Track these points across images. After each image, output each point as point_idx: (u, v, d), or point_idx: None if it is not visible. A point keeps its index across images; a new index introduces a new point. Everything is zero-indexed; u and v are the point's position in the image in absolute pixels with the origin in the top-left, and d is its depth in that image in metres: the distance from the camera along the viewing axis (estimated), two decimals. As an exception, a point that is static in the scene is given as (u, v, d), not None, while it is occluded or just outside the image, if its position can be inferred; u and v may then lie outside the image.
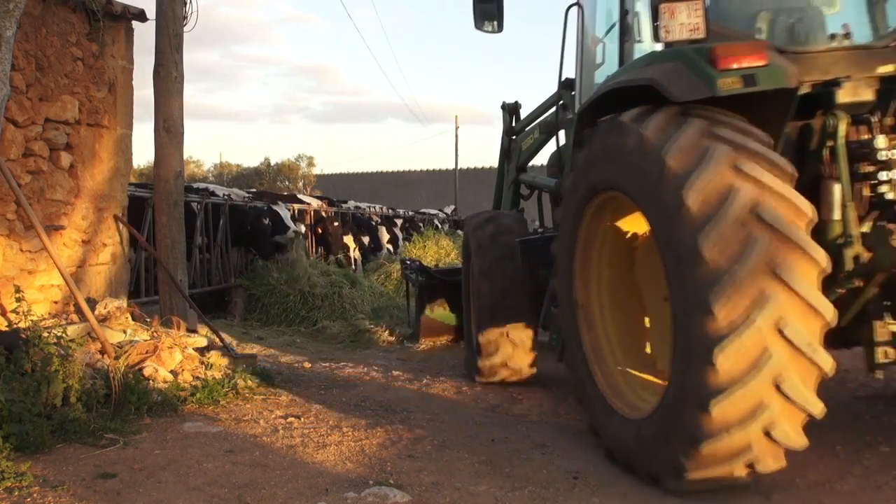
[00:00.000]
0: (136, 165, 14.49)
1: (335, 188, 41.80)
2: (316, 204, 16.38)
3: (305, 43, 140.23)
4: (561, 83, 6.54)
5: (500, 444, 4.96)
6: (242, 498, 3.82)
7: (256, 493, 3.90)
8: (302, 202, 15.88)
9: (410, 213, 25.71)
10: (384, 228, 19.10)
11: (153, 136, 7.98)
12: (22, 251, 6.26)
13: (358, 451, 4.71)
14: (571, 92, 6.30)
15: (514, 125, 8.35)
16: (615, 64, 5.13)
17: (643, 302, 4.87)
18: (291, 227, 12.47)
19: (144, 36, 8.02)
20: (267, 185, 44.84)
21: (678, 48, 4.22)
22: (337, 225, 15.43)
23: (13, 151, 6.15)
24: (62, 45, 6.70)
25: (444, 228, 22.79)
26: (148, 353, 5.96)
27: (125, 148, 7.68)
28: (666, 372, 4.13)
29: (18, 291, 5.47)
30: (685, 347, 3.72)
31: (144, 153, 77.69)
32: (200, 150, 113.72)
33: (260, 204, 12.84)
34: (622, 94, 4.49)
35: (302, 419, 5.44)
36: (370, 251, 17.13)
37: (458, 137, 42.50)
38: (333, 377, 7.26)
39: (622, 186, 4.29)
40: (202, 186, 13.35)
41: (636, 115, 4.20)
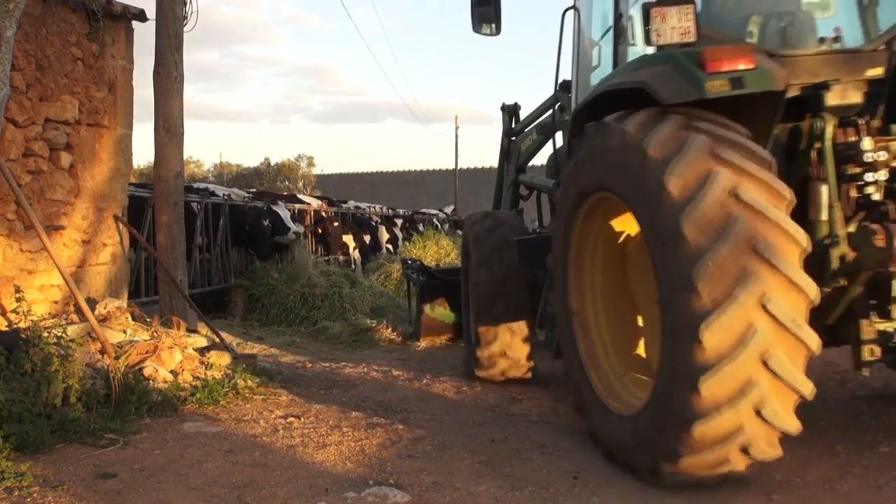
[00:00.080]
0: (136, 165, 14.48)
1: (335, 188, 41.76)
2: (316, 204, 16.37)
3: (306, 43, 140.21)
4: (558, 85, 6.58)
5: (500, 444, 4.96)
6: (242, 498, 3.83)
7: (256, 493, 3.90)
8: (302, 202, 15.88)
9: (410, 212, 25.70)
10: (384, 228, 19.10)
11: (153, 136, 7.99)
12: (22, 251, 6.27)
13: (358, 451, 4.71)
14: (568, 94, 6.35)
15: (513, 126, 8.40)
16: (610, 66, 5.19)
17: (636, 306, 4.94)
18: (292, 227, 12.42)
19: (144, 36, 8.06)
20: (267, 185, 44.84)
21: (669, 51, 4.26)
22: (337, 225, 15.43)
23: (13, 151, 6.16)
24: (62, 45, 6.71)
25: (443, 228, 22.80)
26: (148, 353, 5.97)
27: (125, 148, 7.69)
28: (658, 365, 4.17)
29: (18, 291, 5.47)
30: (672, 328, 3.78)
31: (144, 153, 77.89)
32: (200, 150, 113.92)
33: (260, 204, 12.81)
34: (615, 96, 4.54)
35: (302, 419, 5.44)
36: (370, 251, 17.14)
37: (457, 137, 42.43)
38: (333, 377, 7.26)
39: (608, 184, 4.36)
40: (202, 186, 13.33)
41: (619, 116, 4.29)
